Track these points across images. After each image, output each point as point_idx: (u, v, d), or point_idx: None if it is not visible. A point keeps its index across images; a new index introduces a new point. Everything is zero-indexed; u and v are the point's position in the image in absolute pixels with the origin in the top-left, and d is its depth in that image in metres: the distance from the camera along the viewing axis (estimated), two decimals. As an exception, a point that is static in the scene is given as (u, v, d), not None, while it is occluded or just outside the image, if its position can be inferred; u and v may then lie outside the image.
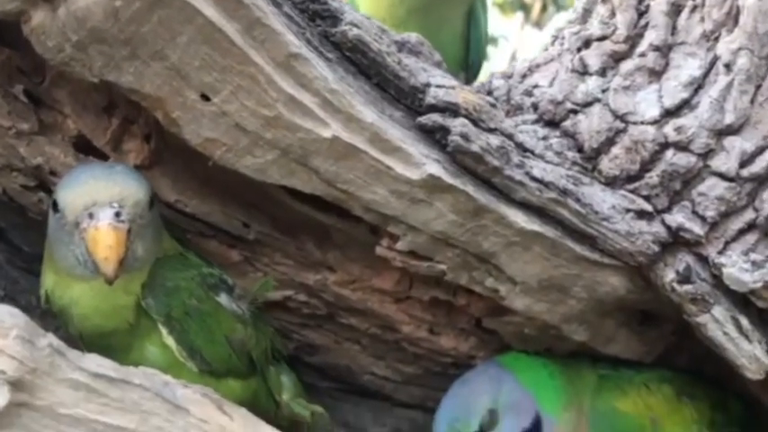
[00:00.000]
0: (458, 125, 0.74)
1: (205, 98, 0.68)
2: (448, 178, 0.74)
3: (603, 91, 0.83)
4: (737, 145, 0.77)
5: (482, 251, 0.81)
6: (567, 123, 0.84)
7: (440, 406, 1.01)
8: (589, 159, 0.83)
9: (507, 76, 0.95)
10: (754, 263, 0.75)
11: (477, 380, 1.01)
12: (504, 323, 0.95)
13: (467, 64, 1.14)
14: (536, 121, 0.86)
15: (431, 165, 0.74)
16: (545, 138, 0.84)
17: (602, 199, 0.82)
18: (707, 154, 0.78)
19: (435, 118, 0.74)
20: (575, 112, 0.84)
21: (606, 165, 0.82)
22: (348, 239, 0.84)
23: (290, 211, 0.80)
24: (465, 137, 0.74)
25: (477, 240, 0.80)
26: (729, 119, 0.78)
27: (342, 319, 0.96)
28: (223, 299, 0.78)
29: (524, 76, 0.92)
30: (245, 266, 0.88)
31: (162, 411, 0.60)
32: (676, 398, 1.04)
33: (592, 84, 0.83)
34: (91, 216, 0.66)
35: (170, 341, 0.73)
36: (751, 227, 0.78)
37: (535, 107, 0.87)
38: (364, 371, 1.05)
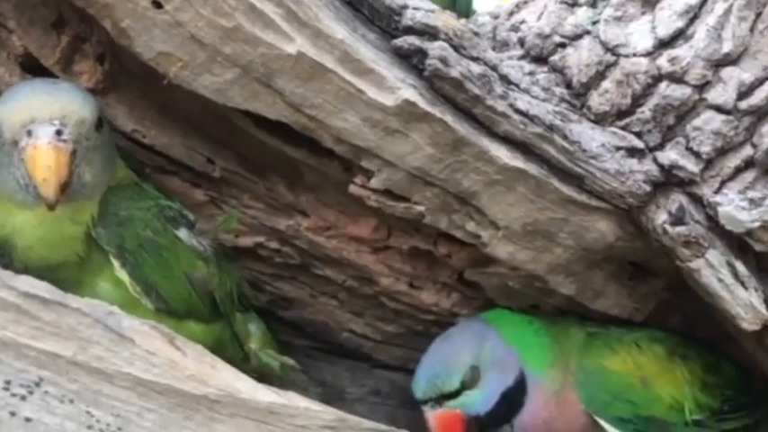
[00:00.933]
0: (436, 48, 0.68)
1: (157, 5, 0.61)
2: (425, 105, 0.68)
3: (594, 23, 0.77)
4: (735, 76, 0.71)
5: (462, 190, 0.75)
6: (554, 58, 0.78)
7: (420, 362, 0.95)
8: (578, 95, 0.77)
9: (494, 16, 0.90)
10: (751, 201, 0.70)
11: (459, 336, 0.95)
12: (487, 275, 0.89)
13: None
14: (522, 57, 0.80)
15: (406, 90, 0.67)
16: (531, 73, 0.78)
17: (591, 137, 0.76)
18: (703, 86, 0.72)
19: (412, 40, 0.68)
20: (563, 45, 0.78)
21: (596, 100, 0.76)
22: (321, 180, 0.78)
23: (257, 147, 0.74)
24: (444, 61, 0.68)
25: (456, 178, 0.74)
26: (727, 48, 0.72)
27: (317, 270, 0.90)
28: (183, 233, 0.71)
29: (511, 14, 0.86)
30: (210, 208, 0.82)
31: (103, 340, 0.54)
32: (668, 358, 0.98)
33: (581, 15, 0.77)
34: (29, 134, 0.60)
35: (123, 275, 0.67)
36: (749, 164, 0.72)
37: (522, 42, 0.81)
38: (342, 328, 0.99)
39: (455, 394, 0.90)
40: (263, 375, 0.81)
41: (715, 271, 0.75)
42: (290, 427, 0.62)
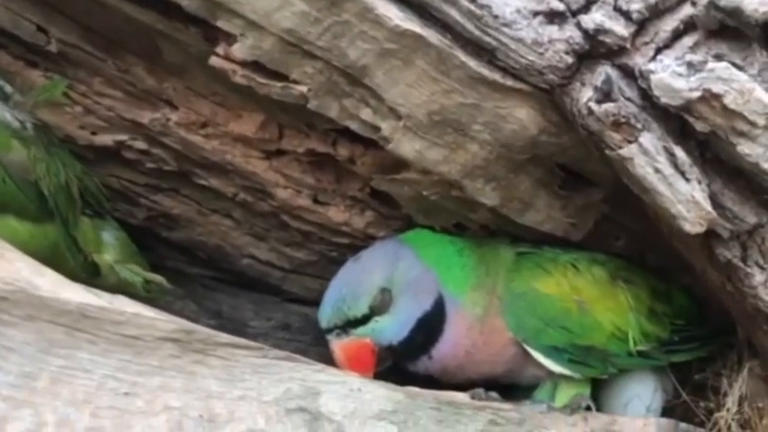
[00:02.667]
0: None
1: None
2: (290, -56, 0.55)
3: None
4: None
5: (350, 64, 0.61)
6: None
7: (327, 288, 0.82)
8: (487, -49, 0.64)
9: None
10: (690, 65, 0.57)
11: (370, 256, 0.81)
12: (397, 183, 0.76)
13: None
14: None
15: (265, -76, 0.54)
16: None
17: (504, 1, 0.62)
18: (633, -68, 0.59)
19: None
20: None
21: (508, -44, 0.62)
22: (184, 58, 0.64)
23: (99, 12, 0.60)
24: None
25: (340, 47, 0.60)
26: None
27: (200, 179, 0.75)
28: (-9, 105, 0.57)
29: None
30: (51, 94, 0.68)
31: None
32: (609, 281, 0.85)
33: None
34: None
35: None
36: (689, 27, 0.59)
37: None
38: (241, 253, 0.85)
39: (363, 321, 0.76)
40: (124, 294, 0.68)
41: (650, 159, 0.62)
42: (116, 336, 0.49)
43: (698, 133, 0.62)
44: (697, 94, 0.57)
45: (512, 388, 0.85)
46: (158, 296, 0.69)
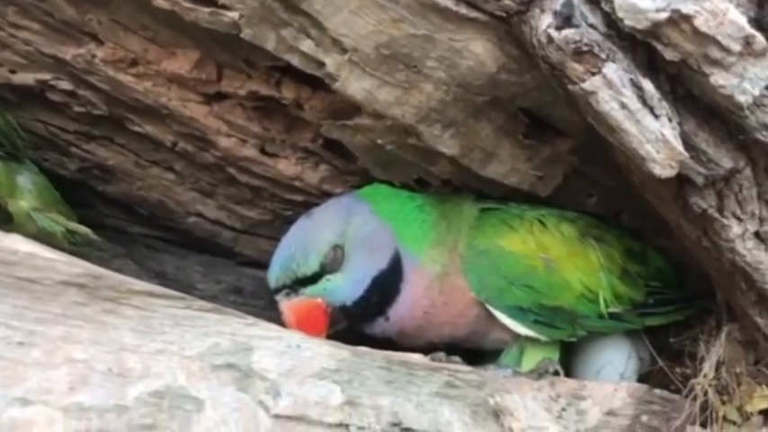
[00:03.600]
0: None
1: None
2: None
3: None
4: None
5: (284, -14, 0.56)
6: None
7: (278, 244, 0.76)
8: None
9: None
10: (658, -17, 0.51)
11: (322, 212, 0.75)
12: (350, 131, 0.70)
13: None
14: None
15: None
16: None
17: None
18: None
19: None
20: None
21: None
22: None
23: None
24: None
25: (273, -33, 0.54)
26: None
27: (134, 126, 0.69)
28: None
29: None
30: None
31: None
32: (579, 239, 0.79)
33: None
34: None
35: None
36: (658, -58, 0.54)
37: None
38: (187, 211, 0.79)
39: (314, 279, 0.71)
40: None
41: (615, 93, 0.56)
42: (9, 279, 0.43)
43: (668, 64, 0.56)
44: (665, 15, 0.51)
45: (478, 355, 0.80)
46: (86, 250, 0.63)
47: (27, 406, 0.42)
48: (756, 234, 0.69)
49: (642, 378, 0.82)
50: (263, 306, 0.85)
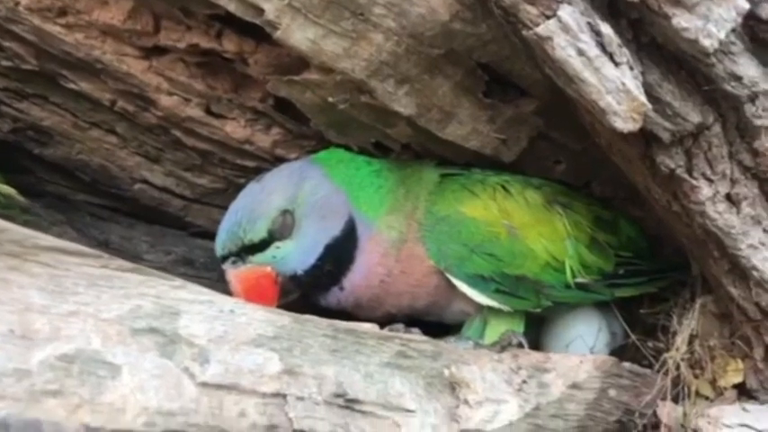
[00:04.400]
0: None
1: None
2: None
3: None
4: None
5: None
6: None
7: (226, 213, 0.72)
8: None
9: None
10: None
11: (273, 177, 0.71)
12: (298, 87, 0.65)
13: None
14: None
15: None
16: None
17: None
18: None
19: None
20: None
21: None
22: None
23: None
24: None
25: None
26: None
27: (69, 83, 0.65)
28: None
29: None
30: None
31: None
32: (545, 206, 0.76)
33: None
34: None
35: None
36: None
37: None
38: (132, 177, 0.75)
39: (262, 246, 0.67)
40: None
41: (572, 39, 0.52)
42: None
43: (628, 7, 0.53)
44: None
45: (443, 330, 0.76)
46: (14, 213, 0.59)
47: None
48: (728, 196, 0.65)
49: (615, 353, 0.78)
50: (217, 279, 0.80)
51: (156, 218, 0.80)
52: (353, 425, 0.54)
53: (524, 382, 0.65)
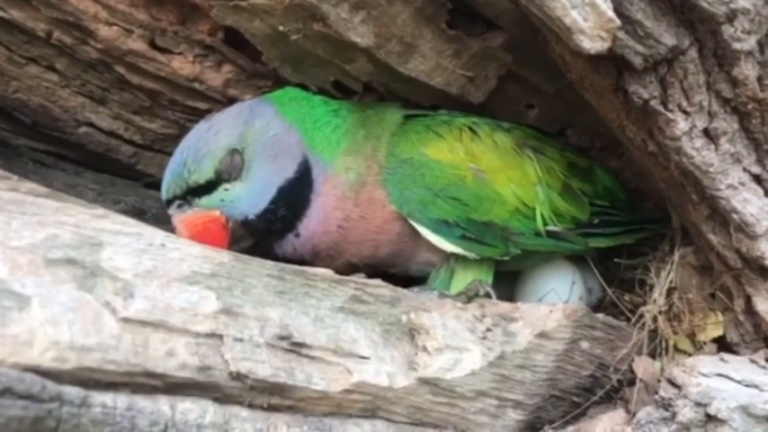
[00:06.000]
0: None
1: None
2: None
3: None
4: None
5: None
6: None
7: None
8: None
9: None
10: None
11: (222, 115, 0.66)
12: (245, 15, 0.60)
13: None
14: None
15: None
16: None
17: None
18: None
19: None
20: None
21: None
22: None
23: None
24: None
25: None
26: None
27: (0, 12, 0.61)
28: None
29: None
30: None
31: None
32: (515, 149, 0.71)
33: None
34: None
35: None
36: None
37: None
38: (76, 119, 0.70)
39: (208, 188, 0.62)
40: None
41: (534, -55, 0.48)
42: None
43: None
44: None
45: (409, 284, 0.71)
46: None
47: None
48: (705, 132, 0.61)
49: (592, 310, 0.74)
50: (171, 231, 0.76)
51: (106, 167, 0.75)
52: (299, 369, 0.50)
53: (489, 330, 0.61)
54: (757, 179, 0.63)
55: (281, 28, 0.60)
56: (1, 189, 0.42)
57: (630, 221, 0.76)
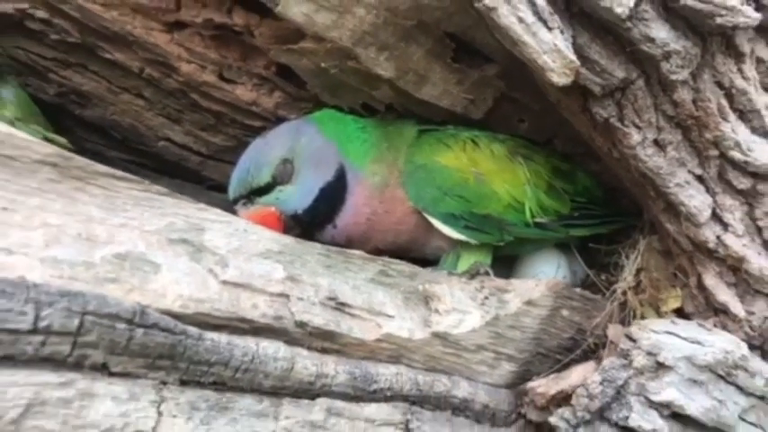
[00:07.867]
0: None
1: None
2: None
3: None
4: None
5: None
6: None
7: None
8: None
9: None
10: None
11: (275, 133, 0.84)
12: (296, 55, 0.79)
13: None
14: None
15: None
16: None
17: None
18: None
19: None
20: None
21: None
22: None
23: None
24: None
25: None
26: None
27: (105, 53, 0.79)
28: None
29: None
30: None
31: None
32: (507, 157, 0.89)
33: None
34: None
35: None
36: None
37: None
38: (157, 135, 0.89)
39: (267, 189, 0.80)
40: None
41: (513, 8, 0.65)
42: (-7, 155, 0.53)
43: (559, -19, 0.66)
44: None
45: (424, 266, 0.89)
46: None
47: (11, 255, 0.52)
48: (655, 142, 0.78)
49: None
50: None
51: (177, 173, 0.93)
52: (343, 322, 0.67)
53: (486, 298, 0.78)
54: (699, 179, 0.80)
55: (322, 64, 0.78)
56: (137, 189, 0.60)
57: (605, 215, 0.93)
